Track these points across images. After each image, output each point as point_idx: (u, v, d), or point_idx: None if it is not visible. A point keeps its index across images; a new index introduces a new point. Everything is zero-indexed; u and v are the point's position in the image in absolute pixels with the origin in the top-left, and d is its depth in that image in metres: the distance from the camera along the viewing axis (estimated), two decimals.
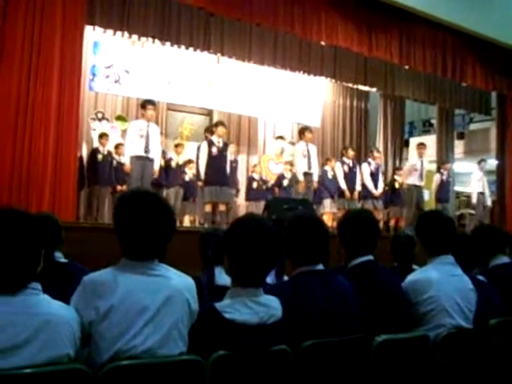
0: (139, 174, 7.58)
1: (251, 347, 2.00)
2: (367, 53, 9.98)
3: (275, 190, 11.61)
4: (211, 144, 8.26)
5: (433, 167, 12.98)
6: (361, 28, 9.62)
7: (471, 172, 12.69)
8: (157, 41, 9.86)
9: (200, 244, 3.43)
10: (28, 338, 1.67)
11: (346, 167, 10.24)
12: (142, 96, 11.05)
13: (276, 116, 13.76)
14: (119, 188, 9.92)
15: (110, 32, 9.53)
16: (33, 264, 1.79)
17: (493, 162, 13.21)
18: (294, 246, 2.39)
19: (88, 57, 10.53)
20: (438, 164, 12.88)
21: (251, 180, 12.08)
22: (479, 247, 3.35)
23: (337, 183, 10.28)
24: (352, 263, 2.70)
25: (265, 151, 14.11)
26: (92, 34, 10.23)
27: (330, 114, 14.83)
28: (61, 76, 7.05)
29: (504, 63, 11.51)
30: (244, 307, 2.03)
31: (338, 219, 3.53)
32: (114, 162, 10.05)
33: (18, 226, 1.77)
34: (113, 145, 10.54)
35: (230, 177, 9.34)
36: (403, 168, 11.97)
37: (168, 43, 9.86)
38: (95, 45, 10.91)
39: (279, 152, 13.87)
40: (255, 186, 11.93)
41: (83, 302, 1.89)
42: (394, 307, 2.59)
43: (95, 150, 9.89)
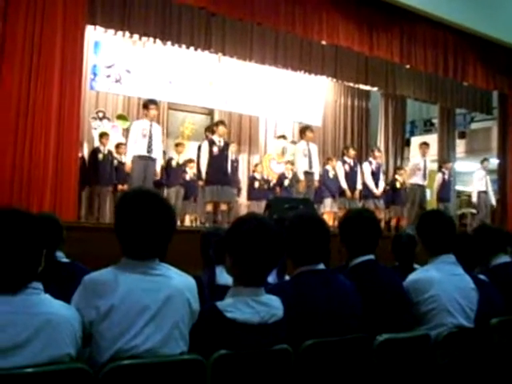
0: (141, 174, 7.58)
1: (252, 346, 2.00)
2: (368, 52, 9.98)
3: (277, 190, 11.62)
4: (212, 143, 8.27)
5: (434, 166, 12.98)
6: (362, 27, 9.62)
7: (472, 171, 12.69)
8: (158, 40, 9.85)
9: (201, 243, 3.43)
10: (29, 338, 1.67)
11: (347, 166, 10.23)
12: (143, 95, 11.08)
13: (277, 115, 13.77)
14: (120, 187, 9.92)
15: (111, 32, 9.53)
16: (34, 264, 1.79)
17: (494, 162, 13.20)
18: (295, 246, 2.39)
19: (89, 56, 10.54)
20: (440, 163, 12.86)
21: (253, 179, 12.09)
22: (480, 246, 3.35)
23: (338, 182, 10.28)
24: (353, 262, 2.70)
25: (266, 151, 14.11)
26: (93, 34, 10.23)
27: (331, 114, 14.84)
28: (62, 76, 7.05)
29: (505, 62, 11.51)
30: (246, 306, 2.02)
31: (339, 218, 3.53)
32: (115, 162, 10.05)
33: (19, 226, 1.77)
34: (114, 144, 10.55)
35: (231, 176, 9.34)
36: (407, 168, 11.95)
37: (169, 43, 9.86)
38: (96, 44, 10.92)
39: (280, 151, 13.87)
40: (257, 186, 11.94)
41: (84, 302, 1.89)
42: (396, 306, 2.59)
43: (96, 150, 9.89)
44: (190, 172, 10.67)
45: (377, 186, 10.40)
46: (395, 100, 14.35)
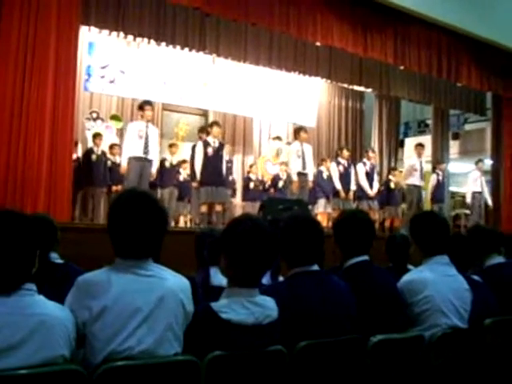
0: (137, 175, 7.59)
1: (247, 347, 2.00)
2: (362, 53, 9.98)
3: (271, 191, 11.62)
4: (207, 144, 8.26)
5: (428, 167, 13.01)
6: (356, 28, 9.62)
7: (466, 172, 12.72)
8: (152, 41, 9.83)
9: (195, 244, 3.42)
10: (23, 339, 1.67)
11: (341, 167, 10.25)
12: (138, 96, 11.07)
13: (271, 116, 13.78)
14: (114, 188, 9.90)
15: (106, 32, 9.52)
16: (28, 265, 1.78)
17: (487, 163, 13.24)
18: (290, 247, 2.39)
19: (83, 57, 10.52)
20: (433, 164, 12.90)
21: (248, 180, 12.10)
22: (474, 247, 3.35)
23: (332, 183, 10.30)
24: (347, 263, 2.70)
25: (260, 151, 14.11)
26: (87, 35, 10.21)
27: (326, 115, 14.85)
28: (56, 77, 7.02)
29: (499, 64, 11.53)
30: (240, 307, 2.02)
31: (333, 219, 3.53)
32: (109, 163, 10.02)
33: (13, 227, 1.76)
34: (107, 143, 10.52)
35: (225, 177, 9.34)
36: (401, 169, 11.97)
37: (163, 43, 9.84)
38: (90, 45, 10.91)
39: (275, 153, 13.88)
40: (252, 187, 11.94)
41: (77, 303, 1.89)
42: (390, 307, 2.59)
43: (89, 151, 9.84)
44: (184, 173, 10.65)
45: (371, 187, 10.43)
46: (389, 101, 14.37)
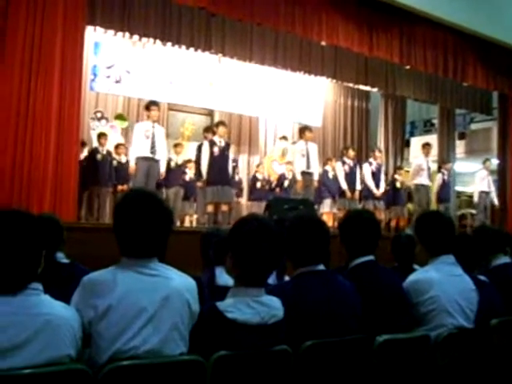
0: (144, 175, 7.63)
1: (252, 347, 2.00)
2: (368, 53, 9.96)
3: (277, 191, 11.62)
4: (213, 144, 8.27)
5: (434, 167, 12.98)
6: (361, 28, 9.61)
7: (472, 172, 12.67)
8: (158, 41, 9.83)
9: (201, 244, 3.42)
10: (28, 339, 1.67)
11: (347, 167, 10.23)
12: (143, 96, 11.09)
13: (277, 116, 13.76)
14: (120, 188, 9.91)
15: (111, 32, 9.52)
16: (34, 264, 1.79)
17: (494, 162, 13.19)
18: (295, 247, 2.38)
19: (89, 57, 10.53)
20: (439, 164, 12.87)
21: (255, 180, 12.10)
22: (480, 247, 3.34)
23: (337, 183, 10.28)
24: (353, 263, 2.70)
25: (266, 151, 14.10)
26: (93, 35, 10.22)
27: (331, 114, 14.83)
28: (62, 77, 7.04)
29: (505, 63, 11.49)
30: (246, 307, 2.02)
31: (339, 219, 3.53)
32: (115, 162, 10.03)
33: (19, 227, 1.77)
34: (113, 144, 10.54)
35: (231, 177, 9.34)
36: (407, 168, 11.94)
37: (169, 43, 9.84)
38: (96, 45, 10.92)
39: (281, 153, 13.86)
40: (259, 186, 11.95)
41: (82, 302, 1.89)
42: (395, 307, 2.59)
43: (94, 150, 9.82)
44: (190, 172, 10.65)
45: (378, 187, 10.40)
46: (395, 100, 14.34)
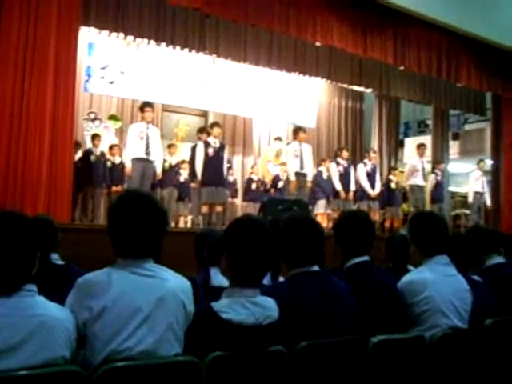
0: (139, 176, 7.64)
1: (247, 348, 2.00)
2: (362, 53, 9.99)
3: (271, 191, 11.63)
4: (208, 145, 8.27)
5: (429, 167, 13.01)
6: (356, 29, 9.63)
7: (466, 172, 12.71)
8: (152, 42, 9.84)
9: (195, 245, 3.42)
10: (23, 340, 1.67)
11: (341, 168, 10.24)
12: (137, 97, 11.08)
13: (271, 117, 13.77)
14: (114, 189, 9.89)
15: (105, 33, 9.52)
16: (28, 266, 1.78)
17: (488, 163, 13.24)
18: (290, 248, 2.38)
19: (83, 58, 10.51)
20: (433, 164, 12.91)
21: (250, 181, 12.10)
22: (474, 247, 3.35)
23: (332, 184, 10.28)
24: (348, 264, 2.70)
25: (260, 152, 14.11)
26: (87, 35, 10.21)
27: (325, 115, 14.84)
28: (56, 78, 7.02)
29: (499, 64, 11.54)
30: (241, 307, 2.02)
31: (334, 220, 3.53)
32: (109, 163, 10.01)
33: (14, 228, 1.76)
34: (107, 145, 10.51)
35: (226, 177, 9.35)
36: (402, 169, 11.95)
37: (163, 44, 9.85)
38: (90, 46, 10.90)
39: (276, 153, 13.87)
40: (254, 187, 11.95)
41: (77, 303, 1.89)
42: (390, 308, 2.59)
43: (88, 151, 9.78)
44: (185, 173, 10.64)
45: (373, 188, 10.40)
46: (389, 101, 14.36)
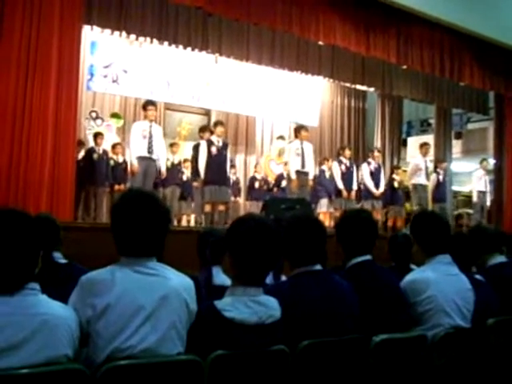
0: (142, 175, 7.64)
1: (249, 347, 2.00)
2: (365, 52, 9.97)
3: (275, 190, 11.63)
4: (211, 144, 8.27)
5: (432, 167, 12.98)
6: (359, 28, 9.62)
7: (469, 171, 12.68)
8: (155, 40, 9.84)
9: (198, 244, 3.42)
10: (25, 339, 1.67)
11: (344, 167, 10.23)
12: (140, 96, 11.09)
13: (274, 116, 13.77)
14: (117, 187, 9.91)
15: (108, 32, 9.53)
16: (31, 264, 1.79)
17: (490, 162, 13.22)
18: (292, 247, 2.38)
19: (86, 56, 10.51)
20: (435, 163, 12.88)
21: (253, 180, 12.11)
22: (476, 246, 3.35)
23: (334, 183, 10.28)
24: (350, 263, 2.69)
25: (263, 151, 14.11)
26: (90, 34, 10.22)
27: (328, 114, 14.84)
28: (58, 77, 7.02)
29: (501, 63, 11.51)
30: (244, 306, 2.03)
31: (336, 219, 3.53)
32: (112, 162, 10.03)
33: (17, 226, 1.77)
34: (109, 143, 10.53)
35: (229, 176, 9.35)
36: (405, 168, 11.92)
37: (166, 43, 9.85)
38: (93, 44, 10.90)
39: (278, 152, 13.86)
40: (257, 186, 11.95)
41: (81, 301, 1.89)
42: (392, 307, 2.59)
43: (90, 150, 9.81)
44: (188, 172, 10.65)
45: (377, 187, 10.37)
46: (392, 100, 14.36)
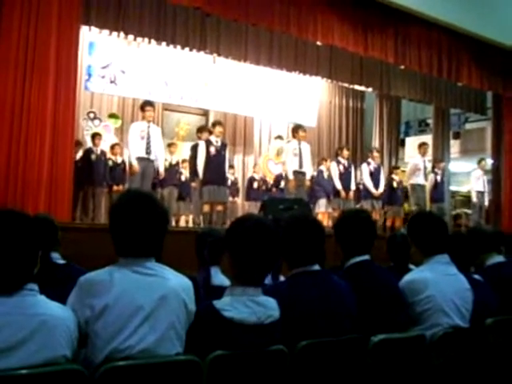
0: (140, 175, 7.64)
1: (248, 347, 2.00)
2: (363, 53, 9.98)
3: (273, 190, 11.63)
4: (209, 144, 8.26)
5: (429, 167, 12.99)
6: (356, 28, 9.63)
7: (467, 171, 12.68)
8: (153, 41, 9.83)
9: (196, 244, 3.42)
10: (24, 339, 1.67)
11: (342, 167, 10.24)
12: (138, 96, 11.08)
13: (272, 116, 13.77)
14: (115, 188, 9.90)
15: (106, 32, 9.51)
16: (29, 265, 1.78)
17: (488, 162, 13.22)
18: (291, 247, 2.38)
19: (84, 57, 10.51)
20: (433, 163, 12.89)
21: (252, 180, 12.11)
22: (474, 246, 3.35)
23: (332, 183, 10.28)
24: (348, 263, 2.69)
25: (261, 151, 14.12)
26: (88, 35, 10.21)
27: (326, 114, 14.85)
28: (56, 77, 7.02)
29: (499, 63, 11.52)
30: (243, 306, 2.03)
31: (334, 219, 3.53)
32: (110, 162, 10.02)
33: (15, 227, 1.76)
34: (107, 143, 10.53)
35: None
36: (403, 168, 11.92)
37: (164, 43, 9.84)
38: (91, 45, 10.91)
39: (276, 152, 13.86)
40: (256, 186, 11.95)
41: (79, 302, 1.89)
42: (391, 307, 2.59)
43: (88, 150, 9.79)
44: (185, 172, 10.64)
45: (377, 187, 10.36)
46: (390, 100, 14.35)
